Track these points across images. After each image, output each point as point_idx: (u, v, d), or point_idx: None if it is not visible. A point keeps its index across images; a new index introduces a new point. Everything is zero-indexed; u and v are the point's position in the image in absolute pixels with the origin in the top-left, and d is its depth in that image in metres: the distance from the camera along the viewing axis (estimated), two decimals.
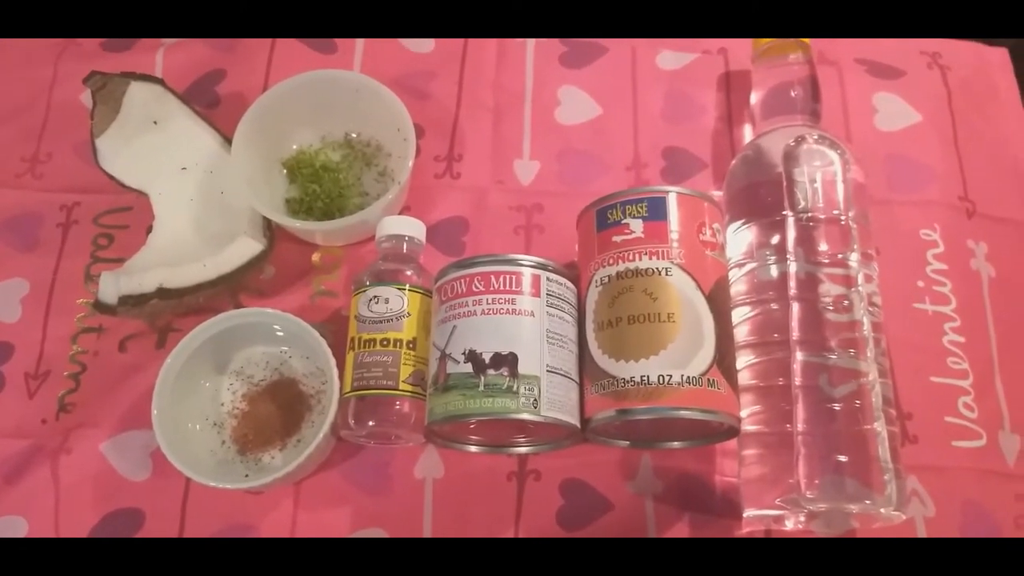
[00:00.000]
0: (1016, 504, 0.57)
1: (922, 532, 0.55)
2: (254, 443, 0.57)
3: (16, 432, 0.59)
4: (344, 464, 0.57)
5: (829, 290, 0.51)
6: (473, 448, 0.55)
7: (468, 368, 0.49)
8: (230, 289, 0.60)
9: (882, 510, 0.47)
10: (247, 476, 0.55)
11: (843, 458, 0.49)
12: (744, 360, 0.53)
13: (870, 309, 0.52)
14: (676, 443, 0.55)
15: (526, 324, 0.50)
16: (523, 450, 0.56)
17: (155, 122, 0.63)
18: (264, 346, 0.59)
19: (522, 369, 0.49)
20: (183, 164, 0.63)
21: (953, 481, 0.57)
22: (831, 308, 0.51)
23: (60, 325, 0.62)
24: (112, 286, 0.56)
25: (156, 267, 0.57)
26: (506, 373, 0.49)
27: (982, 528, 0.56)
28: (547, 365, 0.50)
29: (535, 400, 0.48)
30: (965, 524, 0.56)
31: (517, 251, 0.61)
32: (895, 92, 0.68)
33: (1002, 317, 0.62)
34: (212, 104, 0.69)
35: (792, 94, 0.59)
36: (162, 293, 0.55)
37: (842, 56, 0.69)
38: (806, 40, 0.61)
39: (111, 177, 0.62)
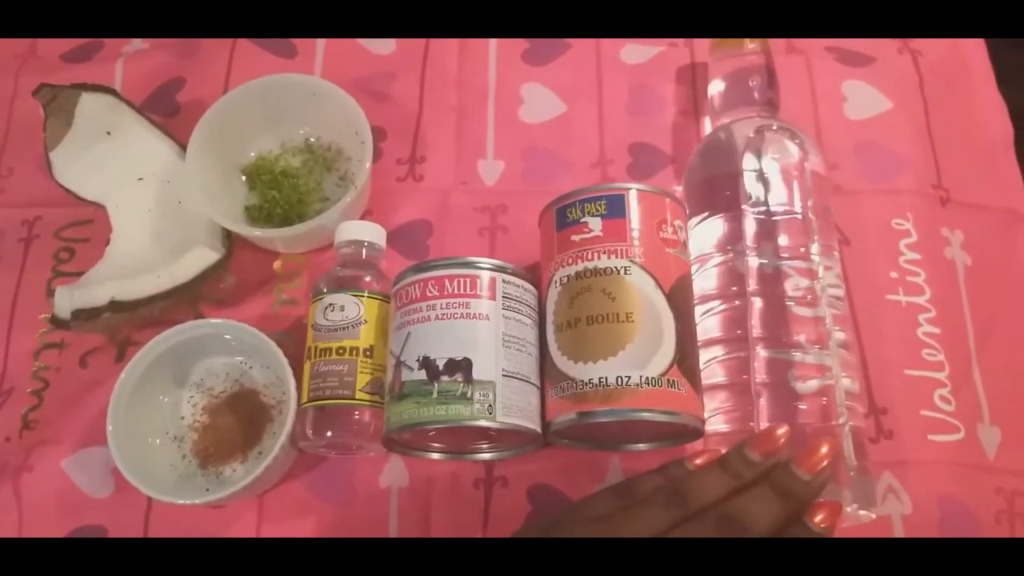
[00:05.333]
0: (996, 498, 0.55)
1: (899, 530, 0.54)
2: (215, 456, 0.56)
3: None
4: (307, 475, 0.56)
5: (791, 284, 0.50)
6: (436, 455, 0.54)
7: (422, 375, 0.48)
8: (189, 300, 0.60)
9: (847, 509, 0.46)
10: (208, 490, 0.54)
11: None
12: (712, 356, 0.52)
13: (832, 302, 0.50)
14: (642, 445, 0.54)
15: (481, 328, 0.49)
16: (487, 456, 0.55)
17: (108, 133, 0.62)
18: (224, 357, 0.58)
19: (477, 375, 0.48)
20: (139, 174, 0.62)
21: (930, 476, 0.55)
22: (794, 303, 0.50)
23: (23, 341, 0.62)
24: (66, 300, 0.56)
25: (109, 280, 0.56)
26: (460, 379, 0.48)
27: (961, 524, 0.54)
28: (503, 369, 0.49)
29: (490, 406, 0.47)
30: (943, 520, 0.54)
31: (482, 253, 0.59)
32: (865, 79, 0.66)
33: (979, 307, 0.60)
34: (172, 112, 0.68)
35: (749, 84, 0.58)
36: (115, 306, 0.55)
37: (810, 44, 0.68)
38: None
39: (67, 191, 0.61)
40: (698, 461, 0.45)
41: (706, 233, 0.54)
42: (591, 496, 0.46)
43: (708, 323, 0.53)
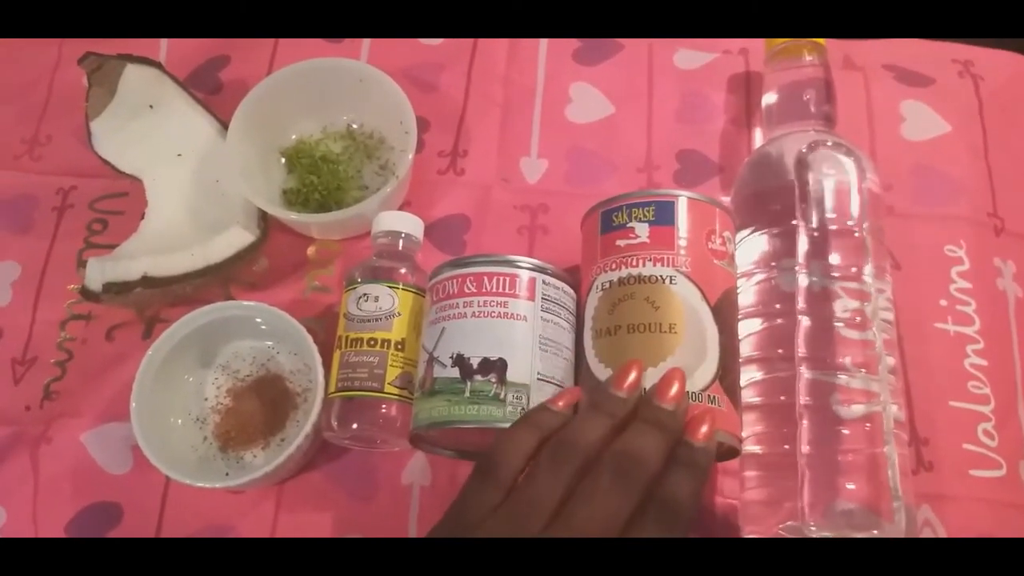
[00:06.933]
0: None
1: None
2: (237, 440, 0.55)
3: None
4: (329, 466, 0.55)
5: (841, 305, 0.48)
6: (462, 455, 0.53)
7: (455, 373, 0.47)
8: (220, 280, 0.59)
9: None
10: (228, 474, 0.53)
11: (851, 485, 0.45)
12: (749, 375, 0.51)
13: (882, 326, 0.49)
14: None
15: (518, 329, 0.48)
16: None
17: (151, 106, 0.61)
18: (252, 340, 0.57)
19: (511, 376, 0.46)
20: (179, 150, 0.61)
21: (969, 512, 0.53)
22: (843, 324, 0.48)
23: (50, 311, 0.61)
24: (98, 272, 0.55)
25: (143, 255, 0.55)
26: (494, 380, 0.46)
27: None
28: (538, 373, 0.47)
29: (523, 409, 0.46)
30: None
31: (520, 252, 0.58)
32: (924, 100, 0.65)
33: None
34: (215, 90, 0.67)
35: (805, 97, 0.56)
36: (147, 281, 0.54)
37: (869, 62, 0.66)
38: (821, 41, 0.58)
39: (105, 161, 0.61)
40: (561, 403, 0.43)
41: (752, 248, 0.53)
42: (470, 492, 0.41)
43: (748, 340, 0.51)
